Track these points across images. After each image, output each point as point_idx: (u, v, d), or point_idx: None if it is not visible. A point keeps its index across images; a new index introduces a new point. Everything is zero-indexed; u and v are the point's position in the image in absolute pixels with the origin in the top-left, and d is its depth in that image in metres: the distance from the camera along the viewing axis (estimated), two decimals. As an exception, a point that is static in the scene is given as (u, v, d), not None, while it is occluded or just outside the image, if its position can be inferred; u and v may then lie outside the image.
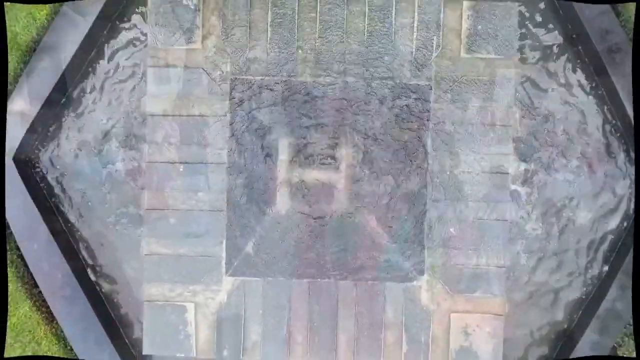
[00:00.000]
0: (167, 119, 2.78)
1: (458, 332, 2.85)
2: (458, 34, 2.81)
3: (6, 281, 3.11)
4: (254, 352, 2.89)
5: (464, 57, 2.81)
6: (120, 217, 3.66)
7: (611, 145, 3.47)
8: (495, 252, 2.85)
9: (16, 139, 3.61)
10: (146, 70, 3.08)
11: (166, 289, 2.86)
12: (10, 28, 3.61)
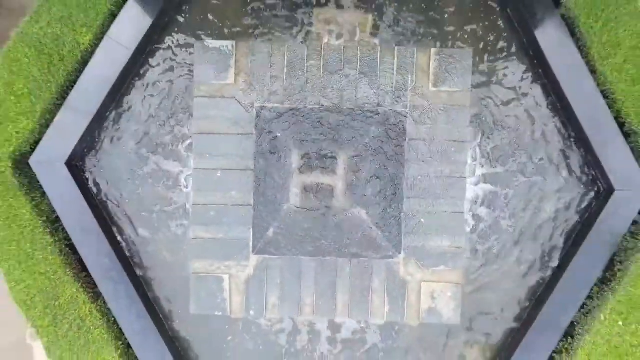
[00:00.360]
0: (208, 137, 3.58)
1: (427, 296, 3.73)
2: (427, 73, 3.65)
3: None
4: (274, 311, 3.74)
5: (432, 90, 3.65)
6: (152, 213, 4.45)
7: (563, 152, 4.36)
8: (454, 237, 3.73)
9: (69, 147, 4.35)
10: (193, 99, 3.89)
11: (207, 264, 3.68)
12: (58, 52, 4.30)
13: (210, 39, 3.81)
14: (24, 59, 4.19)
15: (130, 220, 4.45)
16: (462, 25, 4.23)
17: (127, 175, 4.42)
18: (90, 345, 4.29)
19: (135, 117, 4.37)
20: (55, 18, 4.19)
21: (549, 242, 4.40)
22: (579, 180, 4.42)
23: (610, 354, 4.16)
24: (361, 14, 4.18)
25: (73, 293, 4.27)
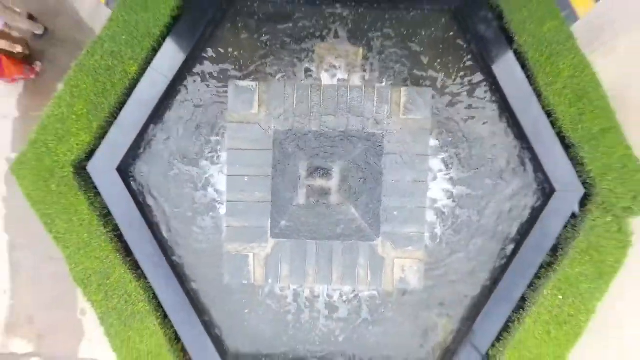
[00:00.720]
0: (237, 152, 4.60)
1: (399, 269, 4.77)
2: (399, 105, 4.67)
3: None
4: (285, 280, 4.78)
5: (402, 117, 4.67)
6: (184, 209, 5.49)
7: (516, 160, 5.41)
8: (418, 226, 4.77)
9: (118, 156, 5.38)
10: (217, 118, 4.95)
11: (237, 245, 4.71)
12: (110, 79, 5.27)
13: (240, 80, 4.87)
14: (83, 85, 5.20)
15: (167, 215, 5.50)
16: (428, 68, 5.32)
17: (163, 179, 5.46)
18: (135, 315, 5.30)
19: (171, 133, 5.41)
20: (107, 52, 5.20)
21: (504, 231, 5.46)
22: (529, 182, 5.47)
23: (552, 322, 5.20)
24: (352, 54, 5.27)
25: (121, 273, 5.29)
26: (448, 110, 5.34)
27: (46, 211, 5.27)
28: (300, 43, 5.36)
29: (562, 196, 5.25)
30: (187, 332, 5.37)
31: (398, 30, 5.36)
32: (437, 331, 5.44)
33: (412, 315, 5.41)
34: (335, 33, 5.34)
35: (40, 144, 5.22)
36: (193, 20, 5.24)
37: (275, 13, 5.40)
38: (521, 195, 5.48)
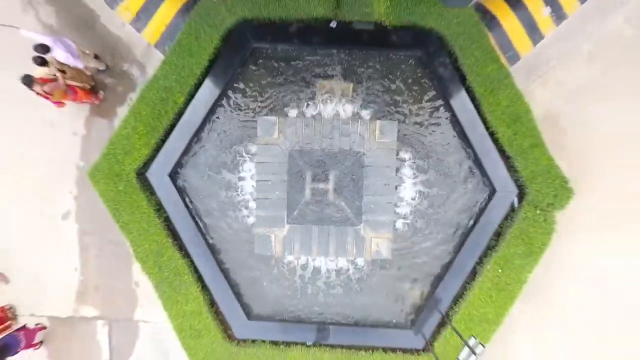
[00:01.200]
0: (264, 164, 6.40)
1: (375, 245, 6.59)
2: (374, 132, 6.48)
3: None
4: (297, 253, 6.60)
5: (377, 141, 6.48)
6: (217, 204, 7.28)
7: (467, 168, 7.18)
8: (387, 215, 6.57)
9: (170, 165, 7.17)
10: (246, 138, 6.79)
11: (263, 229, 6.52)
12: (164, 108, 7.06)
13: (265, 115, 6.73)
14: (143, 112, 6.98)
15: (205, 208, 7.30)
16: (401, 100, 7.11)
17: (202, 182, 7.26)
18: (181, 284, 7.08)
19: (208, 148, 7.22)
20: (161, 88, 6.98)
21: (458, 221, 7.25)
22: (477, 184, 7.26)
23: (493, 289, 6.97)
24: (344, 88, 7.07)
25: (171, 253, 7.08)
26: (416, 131, 7.13)
27: (114, 206, 7.06)
28: (305, 80, 7.16)
29: (501, 195, 7.05)
30: (221, 297, 7.17)
31: (378, 70, 7.16)
32: (408, 296, 7.25)
33: (389, 285, 7.22)
34: (331, 72, 7.13)
35: (111, 156, 7.01)
36: (225, 65, 7.04)
37: (285, 57, 7.20)
38: (471, 194, 7.27)
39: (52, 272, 7.85)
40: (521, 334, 7.64)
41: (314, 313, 7.28)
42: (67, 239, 7.88)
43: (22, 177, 7.81)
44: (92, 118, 7.90)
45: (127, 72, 7.87)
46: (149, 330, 7.87)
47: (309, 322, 7.19)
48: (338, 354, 7.04)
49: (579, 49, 7.69)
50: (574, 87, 7.69)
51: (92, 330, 7.89)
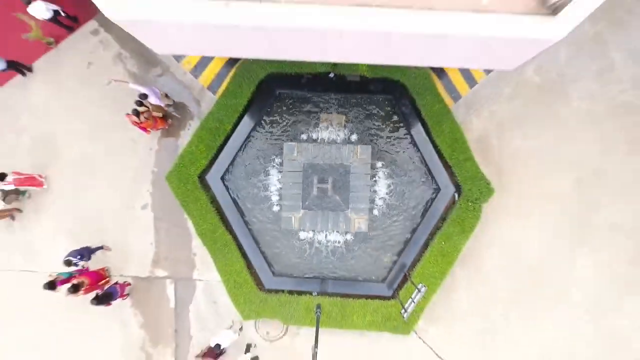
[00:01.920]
0: (288, 172, 9.88)
1: (357, 223, 10.06)
2: (357, 153, 9.98)
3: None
4: (308, 228, 10.11)
5: (358, 157, 9.96)
6: (254, 198, 10.75)
7: (422, 174, 10.64)
8: (364, 204, 10.06)
9: (221, 171, 10.65)
10: (281, 159, 10.27)
11: (287, 214, 10.01)
12: (217, 133, 10.56)
13: (289, 142, 10.22)
14: (203, 136, 10.44)
15: (244, 200, 10.77)
16: (377, 127, 10.57)
17: (244, 183, 10.73)
18: (228, 252, 10.53)
19: (247, 160, 10.69)
20: (215, 119, 10.44)
21: (415, 210, 10.72)
22: (429, 185, 10.73)
23: (439, 255, 10.42)
24: (338, 119, 10.55)
25: (221, 231, 10.54)
26: (387, 149, 10.60)
27: (184, 199, 10.52)
28: (312, 114, 10.64)
29: (444, 192, 10.50)
30: (255, 261, 10.62)
31: (362, 107, 10.63)
32: (381, 261, 10.72)
33: (369, 253, 10.69)
34: (330, 109, 10.61)
35: (181, 165, 10.47)
36: (258, 105, 10.51)
37: (299, 98, 10.67)
38: (424, 192, 10.73)
39: (135, 245, 11.30)
40: (460, 290, 11.08)
41: (318, 272, 10.76)
42: (145, 223, 11.33)
43: (115, 179, 11.26)
44: (162, 138, 11.35)
45: (187, 106, 11.32)
46: (202, 286, 11.32)
47: (314, 278, 10.67)
48: (334, 300, 10.50)
49: (502, 90, 11.14)
50: (499, 117, 11.14)
51: (163, 286, 11.35)
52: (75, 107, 11.32)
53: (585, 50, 11.14)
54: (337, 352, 10.72)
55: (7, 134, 11.37)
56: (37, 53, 11.26)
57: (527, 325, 10.90)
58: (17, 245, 11.32)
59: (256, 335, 11.12)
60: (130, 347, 11.33)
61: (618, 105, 11.01)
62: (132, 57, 11.35)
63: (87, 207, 11.29)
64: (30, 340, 11.30)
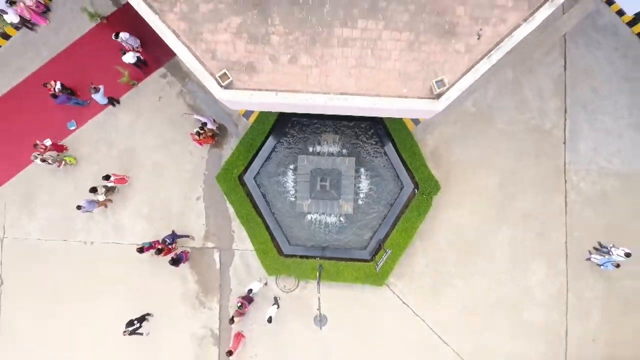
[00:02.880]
0: (302, 175, 14.84)
1: (347, 207, 15.08)
2: (345, 161, 14.96)
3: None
4: (314, 211, 15.10)
5: (347, 165, 14.98)
6: (276, 192, 15.76)
7: (392, 176, 15.64)
8: (350, 195, 15.04)
9: (254, 173, 15.66)
10: (291, 163, 15.24)
11: (301, 202, 14.97)
12: (250, 146, 15.57)
13: (301, 154, 15.17)
14: (241, 149, 15.46)
15: (269, 193, 15.78)
16: (362, 147, 15.56)
17: (268, 182, 15.73)
18: (258, 229, 15.52)
19: (271, 166, 15.68)
20: (249, 138, 15.46)
21: (387, 200, 15.72)
22: (396, 183, 15.73)
23: (403, 230, 15.37)
24: (334, 138, 15.54)
25: (254, 214, 15.52)
26: (368, 159, 15.60)
27: (228, 193, 15.54)
28: (316, 134, 15.62)
29: (406, 189, 15.50)
30: (277, 235, 15.61)
31: (350, 130, 15.63)
32: (364, 235, 15.72)
33: (356, 230, 15.69)
34: (329, 130, 15.61)
35: (227, 170, 15.48)
36: (279, 128, 15.52)
37: (308, 123, 15.65)
38: (392, 188, 15.74)
39: (192, 226, 16.25)
40: (418, 256, 16.01)
41: (320, 242, 15.74)
42: (198, 210, 16.30)
43: (177, 179, 16.22)
44: (211, 149, 16.30)
45: (227, 127, 16.28)
46: (239, 254, 16.27)
47: (317, 247, 15.65)
48: (331, 262, 15.46)
49: (449, 118, 16.07)
50: (447, 136, 16.07)
51: (211, 254, 16.32)
52: (149, 128, 16.30)
53: (507, 89, 16.10)
54: (333, 299, 15.65)
55: (102, 147, 16.35)
56: (124, 91, 16.24)
57: (465, 278, 15.86)
58: (110, 225, 16.31)
59: (276, 288, 16.08)
60: (188, 296, 16.31)
61: (528, 128, 15.96)
62: (188, 94, 16.32)
63: (157, 199, 16.27)
64: (119, 289, 16.25)
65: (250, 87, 9.86)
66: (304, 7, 9.63)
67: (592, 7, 16.05)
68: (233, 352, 14.82)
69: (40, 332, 16.30)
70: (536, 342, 15.72)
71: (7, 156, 16.26)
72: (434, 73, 9.72)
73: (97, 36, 16.14)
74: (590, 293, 15.67)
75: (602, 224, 15.71)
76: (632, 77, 15.87)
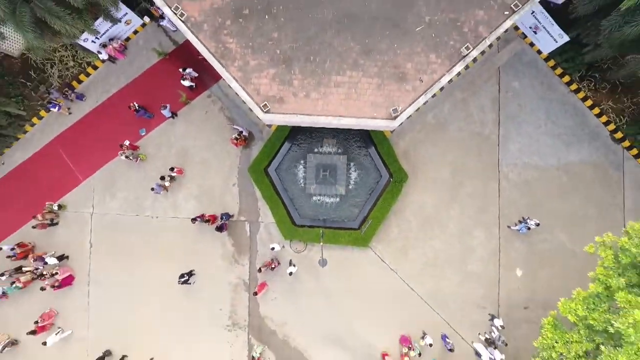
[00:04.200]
0: (310, 167, 21.23)
1: (341, 192, 21.54)
2: (340, 159, 21.37)
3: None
4: (319, 194, 21.51)
5: (341, 162, 21.42)
6: (292, 182, 22.22)
7: (374, 170, 22.13)
8: (343, 182, 21.47)
9: (275, 166, 22.14)
10: (303, 162, 21.67)
11: (309, 186, 21.37)
12: (272, 149, 22.04)
13: (309, 153, 21.57)
14: (266, 150, 21.95)
15: (286, 181, 22.24)
16: (354, 151, 22.03)
17: (285, 173, 22.21)
18: (278, 207, 22.00)
19: (287, 161, 22.14)
20: (272, 141, 21.96)
21: (371, 186, 22.19)
22: (376, 174, 22.20)
23: (381, 208, 21.79)
24: (333, 142, 22.01)
25: (275, 197, 22.04)
26: (356, 157, 22.08)
27: (256, 180, 22.08)
28: (320, 138, 22.07)
29: (384, 178, 22.01)
30: (291, 211, 22.12)
31: (343, 138, 22.09)
32: (354, 209, 22.19)
33: (348, 206, 22.14)
34: (329, 136, 22.07)
35: (256, 164, 22.02)
36: (294, 134, 22.03)
37: (314, 130, 22.10)
38: (374, 177, 22.23)
39: (229, 205, 22.68)
40: (393, 226, 22.42)
41: (322, 215, 22.19)
42: (234, 193, 22.74)
43: (218, 170, 22.65)
44: (243, 150, 22.75)
45: (254, 133, 22.71)
46: (264, 225, 22.69)
47: (320, 219, 22.11)
48: (330, 230, 21.88)
49: (415, 127, 22.52)
50: (414, 140, 22.51)
51: (243, 225, 22.76)
52: (198, 134, 22.72)
53: (457, 106, 22.54)
54: (331, 257, 22.04)
55: (164, 148, 22.78)
56: (180, 107, 22.66)
57: (426, 242, 22.31)
58: (169, 204, 22.75)
59: (290, 250, 22.48)
60: (226, 255, 22.75)
61: (473, 134, 22.40)
62: (228, 109, 22.74)
63: (204, 185, 22.72)
64: (175, 250, 22.65)
65: (280, 112, 16.26)
66: (313, 63, 16.05)
67: (519, 48, 22.49)
68: (258, 293, 21.28)
69: (118, 281, 22.72)
70: (477, 287, 22.16)
71: (96, 153, 22.69)
72: (392, 104, 16.14)
73: (161, 67, 22.60)
74: (515, 253, 22.12)
75: (524, 203, 22.16)
76: (546, 98, 22.32)
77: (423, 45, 16.04)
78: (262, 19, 16.08)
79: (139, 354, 22.34)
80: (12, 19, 15.60)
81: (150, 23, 22.47)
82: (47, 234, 22.48)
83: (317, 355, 22.26)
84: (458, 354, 21.54)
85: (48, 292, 21.65)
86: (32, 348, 22.08)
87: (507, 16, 15.94)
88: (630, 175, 22.06)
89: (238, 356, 22.44)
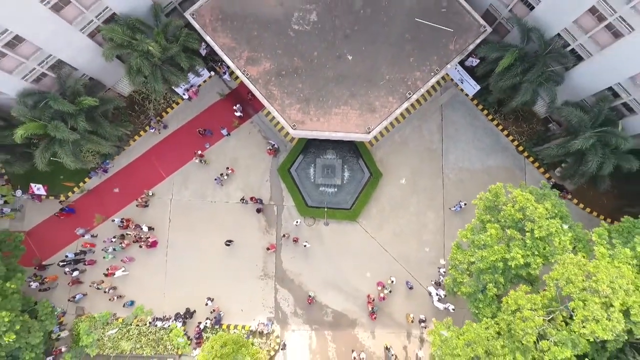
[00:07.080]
0: (317, 168, 32.86)
1: (338, 183, 33.16)
2: (337, 161, 33.15)
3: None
4: (323, 186, 33.08)
5: (337, 162, 33.19)
6: (306, 177, 33.98)
7: (359, 170, 33.98)
8: (339, 176, 33.12)
9: (295, 167, 33.97)
10: (313, 165, 33.46)
11: (317, 177, 32.92)
12: (294, 156, 33.96)
13: (317, 158, 33.43)
14: (288, 160, 33.91)
15: (302, 177, 33.98)
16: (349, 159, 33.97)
17: (303, 172, 34.02)
18: (296, 195, 33.63)
19: (304, 165, 33.96)
20: (292, 153, 33.99)
21: (360, 180, 33.93)
22: (361, 173, 34.01)
23: (364, 197, 33.29)
24: (332, 150, 34.00)
25: (296, 189, 33.78)
26: (347, 161, 33.97)
27: (283, 177, 34.03)
28: (326, 149, 34.02)
29: (366, 175, 33.91)
30: (306, 197, 33.77)
31: (341, 152, 34.08)
32: (349, 197, 33.76)
33: (345, 194, 33.71)
34: (331, 146, 34.06)
35: (283, 166, 34.10)
36: (308, 147, 34.06)
37: (322, 141, 34.08)
38: (360, 175, 34.06)
39: (264, 194, 34.37)
40: (372, 208, 33.83)
41: (325, 200, 33.74)
42: (267, 186, 34.51)
43: (257, 171, 34.45)
44: (273, 158, 34.68)
45: (281, 147, 34.69)
46: (286, 207, 34.22)
47: (324, 202, 33.62)
48: (331, 210, 33.31)
49: (386, 144, 34.50)
50: (387, 152, 34.53)
51: (273, 208, 34.32)
52: (244, 147, 34.81)
53: (415, 130, 34.81)
54: (331, 228, 33.28)
55: (220, 156, 34.79)
56: (233, 129, 34.88)
57: (395, 220, 33.72)
58: (224, 193, 34.53)
59: (304, 224, 33.76)
60: (260, 227, 34.20)
61: (425, 148, 34.51)
62: (264, 131, 34.85)
63: (247, 180, 34.56)
64: (226, 225, 33.96)
65: (302, 129, 28.28)
66: (321, 102, 28.31)
67: (454, 92, 35.06)
68: (270, 249, 32.59)
69: (187, 246, 33.89)
70: (430, 251, 33.36)
71: (176, 159, 34.65)
72: (367, 125, 28.16)
73: (221, 104, 35.03)
74: (455, 227, 33.42)
75: (460, 194, 33.81)
76: (473, 124, 34.61)
77: (385, 92, 28.30)
78: (292, 77, 28.47)
79: (200, 294, 33.17)
80: (151, 76, 28.02)
81: (215, 76, 35.04)
82: (141, 212, 33.97)
83: (321, 295, 33.10)
84: (417, 294, 32.42)
85: (142, 251, 32.82)
86: (126, 289, 33.02)
87: (432, 76, 28.30)
88: (529, 174, 33.83)
89: (268, 296, 33.23)
